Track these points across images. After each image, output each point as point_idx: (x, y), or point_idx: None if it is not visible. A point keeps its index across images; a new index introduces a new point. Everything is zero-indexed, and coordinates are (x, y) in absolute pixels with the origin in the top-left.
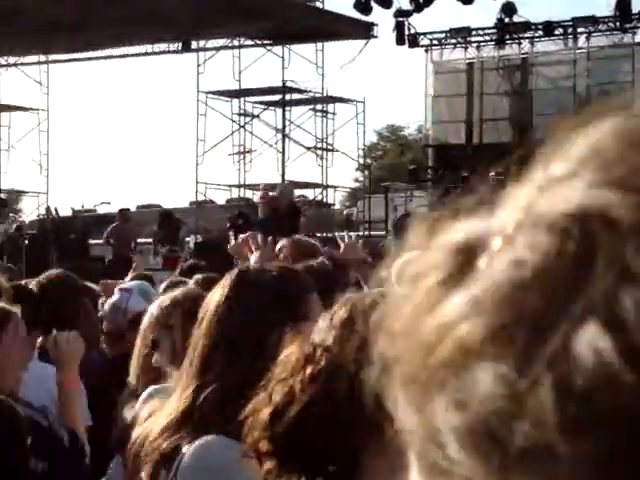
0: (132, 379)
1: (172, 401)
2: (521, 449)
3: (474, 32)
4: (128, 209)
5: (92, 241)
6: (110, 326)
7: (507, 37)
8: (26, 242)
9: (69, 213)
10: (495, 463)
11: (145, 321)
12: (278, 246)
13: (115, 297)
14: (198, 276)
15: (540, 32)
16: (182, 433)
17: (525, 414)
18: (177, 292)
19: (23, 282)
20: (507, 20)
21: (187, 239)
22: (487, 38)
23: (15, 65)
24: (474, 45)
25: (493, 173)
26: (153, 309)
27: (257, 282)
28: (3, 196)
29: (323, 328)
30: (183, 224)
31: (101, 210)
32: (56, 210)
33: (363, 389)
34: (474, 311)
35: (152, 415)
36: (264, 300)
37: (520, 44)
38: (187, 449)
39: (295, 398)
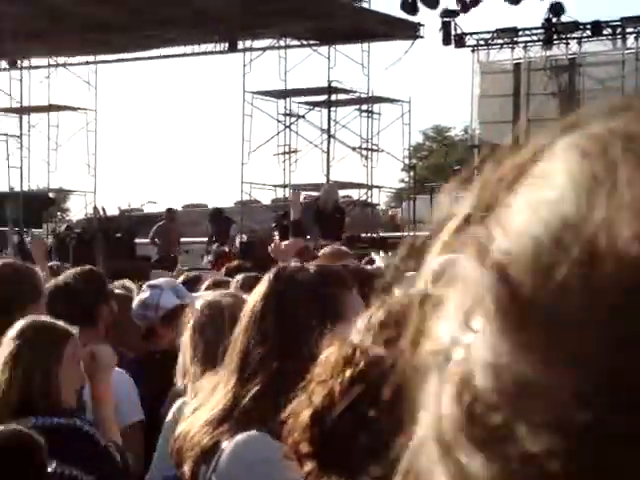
0: (178, 379)
1: (213, 397)
2: None
3: (521, 32)
4: (175, 209)
5: (138, 240)
6: (141, 323)
7: (555, 37)
8: (73, 241)
9: (116, 212)
10: None
11: (189, 321)
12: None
13: (145, 294)
14: (239, 276)
15: (588, 32)
16: (222, 429)
17: None
18: (217, 293)
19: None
20: (555, 20)
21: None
22: (534, 38)
23: (64, 65)
24: (521, 45)
25: None
26: (196, 309)
27: (294, 280)
28: (51, 195)
29: (361, 329)
30: (233, 222)
31: (148, 209)
32: (103, 209)
33: (402, 391)
34: None
35: (195, 411)
36: (301, 298)
37: (568, 44)
38: (227, 445)
39: (335, 400)
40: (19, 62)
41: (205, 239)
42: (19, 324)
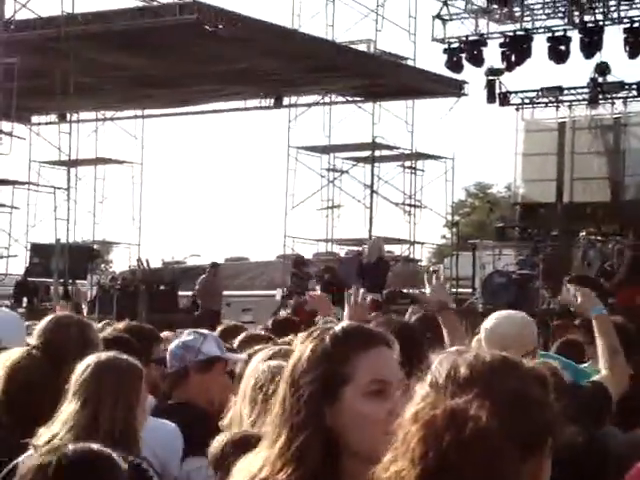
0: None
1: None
2: None
3: (566, 91)
4: (218, 263)
5: (181, 292)
6: (176, 364)
7: (600, 97)
8: (117, 293)
9: (159, 265)
10: None
11: (247, 382)
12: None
13: (188, 337)
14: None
15: (634, 92)
16: None
17: None
18: (274, 363)
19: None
20: (600, 80)
21: (274, 292)
22: (579, 97)
23: (111, 119)
24: (566, 104)
25: (584, 232)
26: (251, 370)
27: (311, 341)
28: (96, 247)
29: (440, 384)
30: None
31: (191, 262)
32: (147, 261)
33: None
34: None
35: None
36: (308, 359)
37: (613, 104)
38: None
39: (449, 463)
40: (68, 116)
41: (244, 292)
42: (95, 360)
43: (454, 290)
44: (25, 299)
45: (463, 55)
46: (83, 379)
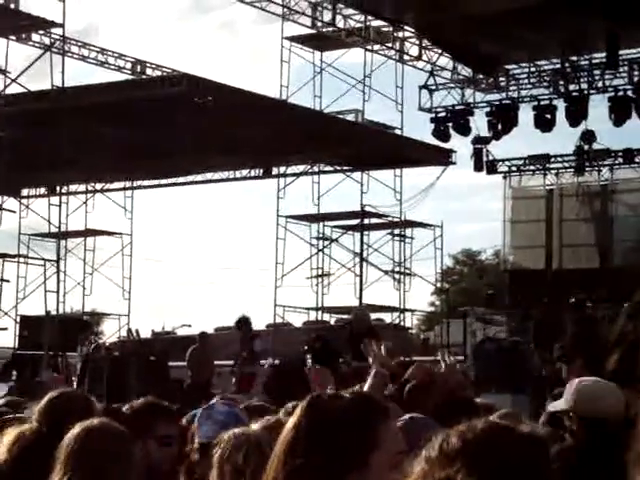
0: None
1: None
2: None
3: (553, 159)
4: (207, 332)
5: (172, 363)
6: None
7: (587, 164)
8: (107, 364)
9: (150, 335)
10: None
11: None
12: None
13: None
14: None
15: (620, 159)
16: None
17: None
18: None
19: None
20: (586, 147)
21: (263, 362)
22: (566, 165)
23: (101, 191)
24: (553, 172)
25: (573, 299)
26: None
27: (325, 409)
28: (86, 319)
29: (438, 458)
30: (257, 336)
31: (181, 332)
32: (137, 332)
33: None
34: None
35: None
36: (331, 428)
37: (600, 171)
38: None
39: None
40: (58, 188)
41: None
42: (79, 429)
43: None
44: (15, 372)
45: (450, 124)
46: (67, 449)
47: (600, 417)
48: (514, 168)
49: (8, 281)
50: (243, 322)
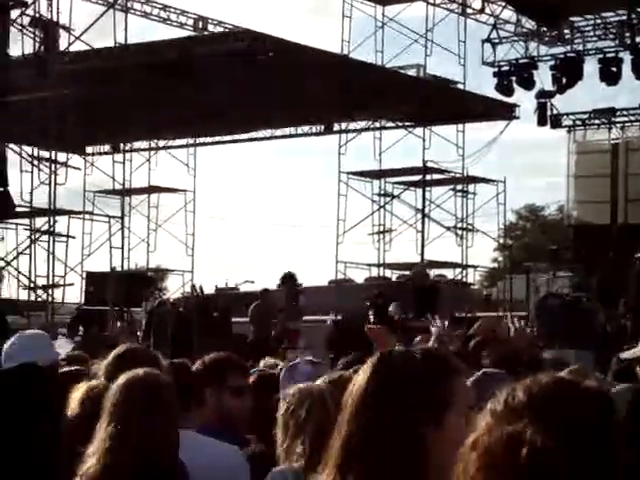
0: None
1: None
2: None
3: (618, 113)
4: (268, 289)
5: (235, 319)
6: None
7: None
8: (171, 320)
9: (213, 291)
10: None
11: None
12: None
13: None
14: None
15: None
16: None
17: None
18: (302, 386)
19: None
20: None
21: (326, 317)
22: (632, 119)
23: (164, 148)
24: (618, 125)
25: (639, 254)
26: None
27: (397, 366)
28: (151, 274)
29: (501, 410)
30: (302, 292)
31: (244, 288)
32: (201, 288)
33: None
34: None
35: None
36: (404, 384)
37: None
38: None
39: None
40: (121, 146)
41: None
42: (122, 380)
43: (508, 314)
44: (81, 327)
45: (513, 78)
46: (111, 400)
47: None
48: (579, 122)
49: (74, 237)
50: (288, 278)
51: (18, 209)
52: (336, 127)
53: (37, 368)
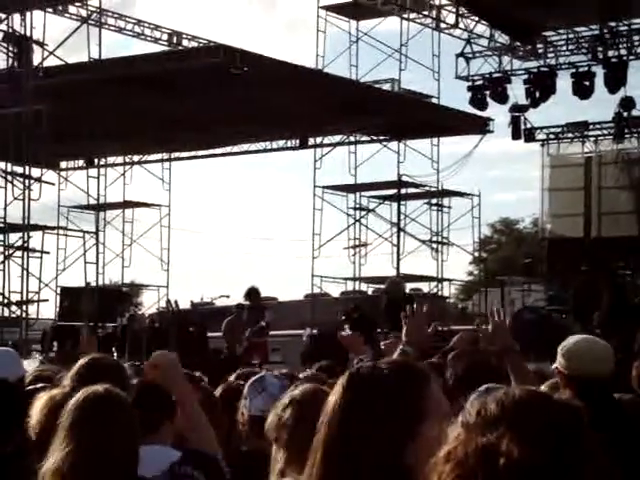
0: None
1: None
2: None
3: (592, 126)
4: (243, 304)
5: (211, 334)
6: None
7: (626, 131)
8: (146, 335)
9: (189, 306)
10: None
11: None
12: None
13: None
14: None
15: None
16: None
17: None
18: (296, 391)
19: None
20: (626, 114)
21: (302, 332)
22: (605, 132)
23: (139, 163)
24: (592, 139)
25: (612, 267)
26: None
27: (366, 382)
28: (125, 290)
29: (472, 421)
30: (267, 308)
31: (219, 303)
32: (176, 303)
33: None
34: None
35: None
36: (375, 399)
37: (639, 138)
38: None
39: None
40: (96, 160)
41: (272, 332)
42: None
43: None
44: (56, 343)
45: (487, 92)
46: (67, 416)
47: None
48: (552, 136)
49: (48, 253)
50: (252, 293)
51: None
52: (311, 141)
53: (8, 384)
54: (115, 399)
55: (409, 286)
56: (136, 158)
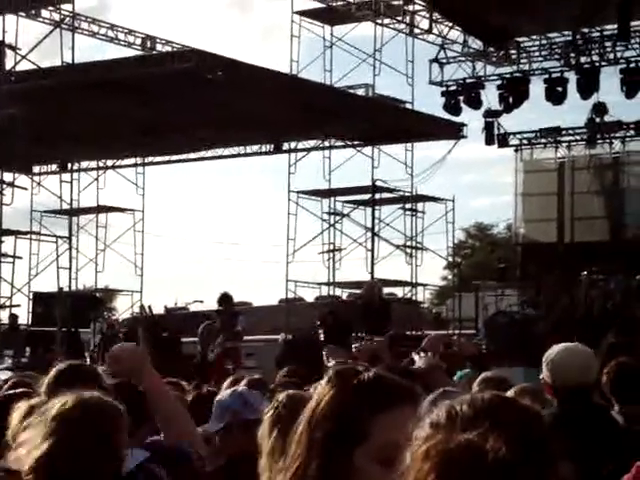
0: None
1: None
2: None
3: (564, 132)
4: (221, 309)
5: (185, 339)
6: (229, 419)
7: (598, 137)
8: (120, 340)
9: (162, 311)
10: None
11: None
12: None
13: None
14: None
15: (632, 131)
16: None
17: None
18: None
19: None
20: (598, 120)
21: (278, 337)
22: (578, 138)
23: (112, 167)
24: (564, 145)
25: (585, 272)
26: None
27: (333, 387)
28: (99, 295)
29: (440, 423)
30: (240, 313)
31: (193, 308)
32: (150, 308)
33: None
34: None
35: None
36: (330, 409)
37: (611, 143)
38: None
39: None
40: (69, 165)
41: (247, 337)
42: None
43: (457, 332)
44: (28, 349)
45: (461, 98)
46: (45, 422)
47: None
48: (525, 141)
49: (21, 258)
50: (225, 299)
51: None
52: (285, 146)
53: None
54: (97, 404)
55: (384, 290)
56: (110, 163)
